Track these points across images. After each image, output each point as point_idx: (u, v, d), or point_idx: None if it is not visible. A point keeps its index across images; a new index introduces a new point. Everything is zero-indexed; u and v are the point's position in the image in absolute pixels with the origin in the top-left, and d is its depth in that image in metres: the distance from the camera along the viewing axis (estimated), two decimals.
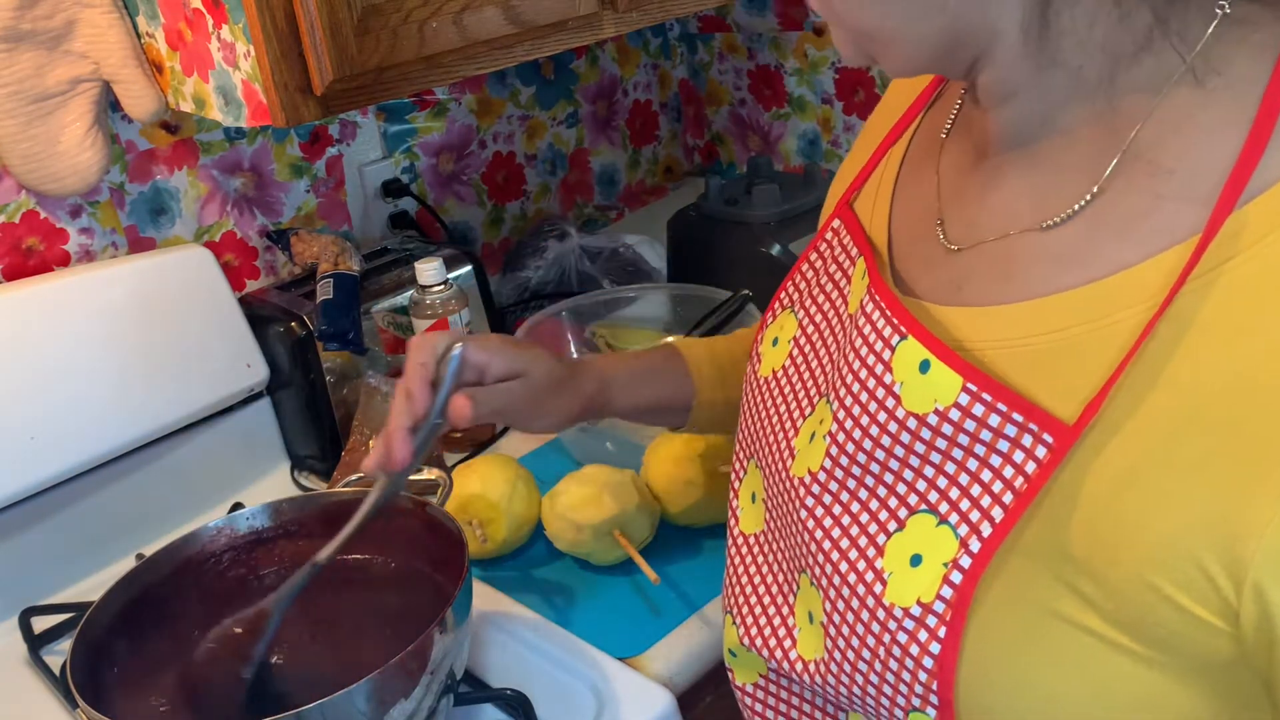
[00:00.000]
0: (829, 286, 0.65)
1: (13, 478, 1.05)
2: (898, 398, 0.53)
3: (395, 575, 0.92)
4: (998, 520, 0.49)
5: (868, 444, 0.55)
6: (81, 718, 0.83)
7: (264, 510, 0.95)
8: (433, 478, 0.95)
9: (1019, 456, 0.48)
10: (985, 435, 0.50)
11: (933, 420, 0.51)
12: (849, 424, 0.56)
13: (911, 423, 0.52)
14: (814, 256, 0.69)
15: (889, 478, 0.54)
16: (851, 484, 0.56)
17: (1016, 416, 0.48)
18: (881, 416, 0.54)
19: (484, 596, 1.03)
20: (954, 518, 0.51)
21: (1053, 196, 0.51)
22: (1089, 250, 0.49)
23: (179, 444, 1.20)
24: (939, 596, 0.50)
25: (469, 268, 1.36)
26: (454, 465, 1.21)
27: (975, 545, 0.49)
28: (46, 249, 1.17)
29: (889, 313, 0.55)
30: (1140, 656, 0.46)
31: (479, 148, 1.57)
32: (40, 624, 1.05)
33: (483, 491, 1.03)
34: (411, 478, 0.96)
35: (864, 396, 0.55)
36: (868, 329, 0.56)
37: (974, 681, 0.50)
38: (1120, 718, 0.48)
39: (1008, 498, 0.49)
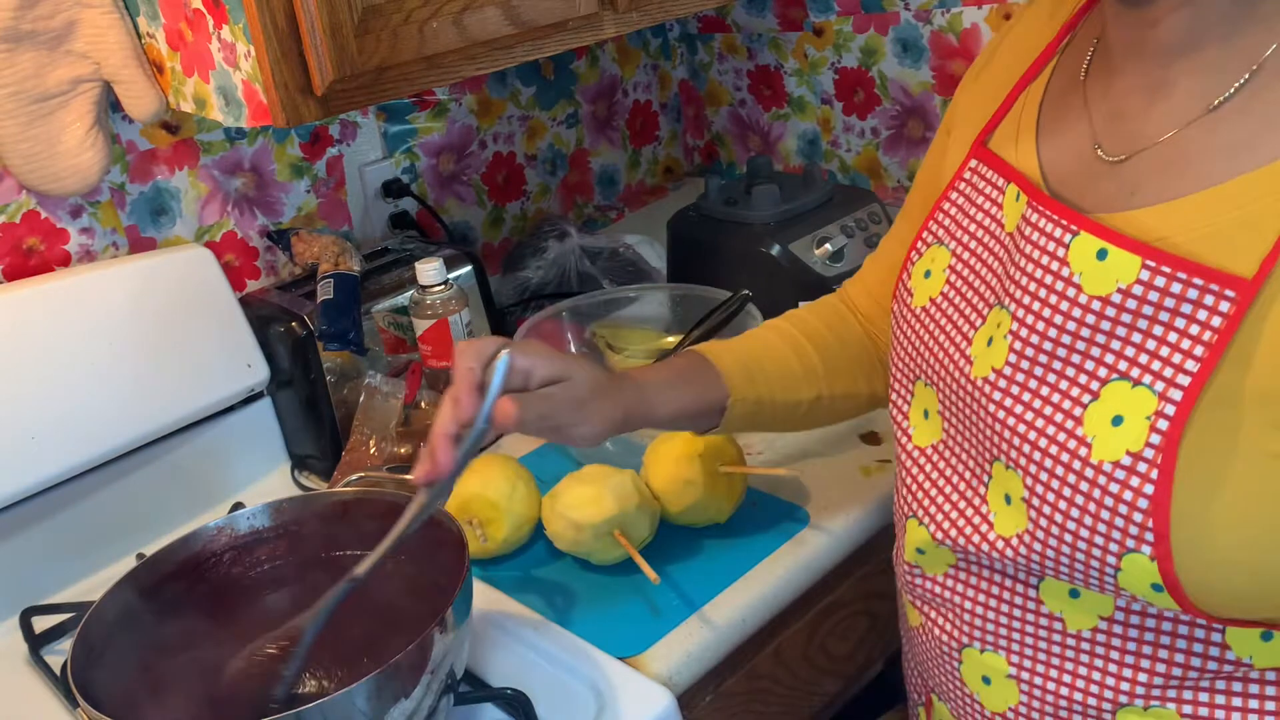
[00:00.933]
0: (979, 215, 0.70)
1: (13, 478, 1.05)
2: (1078, 286, 0.59)
3: (396, 575, 0.92)
4: (1194, 371, 0.54)
5: (1053, 332, 0.60)
6: (82, 717, 0.83)
7: (264, 510, 0.95)
8: None
9: (1203, 315, 0.54)
10: (1169, 303, 0.55)
11: (1116, 299, 0.57)
12: (1030, 319, 0.62)
13: (1095, 305, 0.58)
14: (954, 195, 0.74)
15: (1077, 358, 0.59)
16: (1039, 371, 0.61)
17: (1197, 281, 0.54)
18: (1064, 305, 0.60)
19: (484, 596, 1.03)
20: (1148, 378, 0.56)
21: (1221, 90, 0.57)
22: (1258, 138, 0.54)
23: (179, 444, 1.20)
24: (1148, 444, 0.55)
25: (469, 268, 1.36)
26: None
27: (1176, 395, 0.54)
28: (47, 249, 1.18)
29: (1056, 216, 0.61)
30: None
31: (479, 148, 1.57)
32: (41, 624, 1.05)
33: (483, 491, 1.03)
34: (410, 478, 0.96)
35: (1043, 293, 0.61)
36: (1035, 235, 0.63)
37: (1187, 517, 0.54)
38: None
39: (1199, 351, 0.54)
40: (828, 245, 1.34)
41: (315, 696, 0.84)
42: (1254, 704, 0.61)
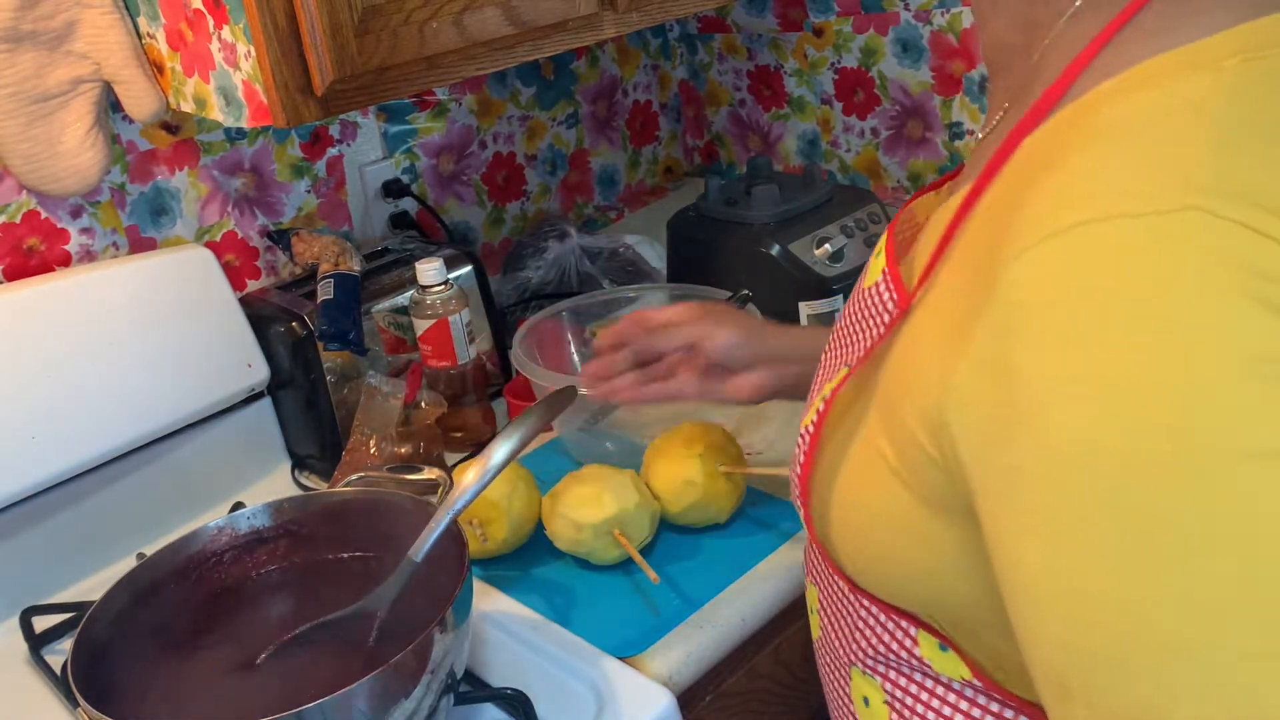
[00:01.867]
0: None
1: (13, 478, 1.05)
2: (862, 278, 0.64)
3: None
4: (852, 363, 0.60)
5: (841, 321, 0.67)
6: (82, 717, 0.83)
7: (265, 509, 0.95)
8: (433, 478, 0.95)
9: (885, 320, 0.58)
10: (877, 304, 0.60)
11: (868, 295, 0.62)
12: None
13: (860, 297, 0.63)
14: None
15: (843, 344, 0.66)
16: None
17: (888, 288, 0.59)
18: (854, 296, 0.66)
19: (484, 596, 1.03)
20: (847, 362, 0.62)
21: (990, 122, 0.62)
22: (971, 172, 0.60)
23: (180, 444, 1.20)
24: (811, 421, 0.63)
25: (469, 268, 1.36)
26: (454, 465, 1.22)
27: (836, 382, 0.61)
28: (47, 249, 1.18)
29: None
30: (915, 493, 0.54)
31: (479, 148, 1.57)
32: (41, 623, 1.05)
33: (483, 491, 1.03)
34: (410, 477, 0.97)
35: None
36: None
37: (817, 489, 0.62)
38: (904, 543, 0.56)
39: (864, 346, 0.60)
40: (828, 245, 1.34)
41: (286, 672, 0.84)
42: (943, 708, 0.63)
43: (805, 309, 1.33)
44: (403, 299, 1.28)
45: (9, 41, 1.03)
